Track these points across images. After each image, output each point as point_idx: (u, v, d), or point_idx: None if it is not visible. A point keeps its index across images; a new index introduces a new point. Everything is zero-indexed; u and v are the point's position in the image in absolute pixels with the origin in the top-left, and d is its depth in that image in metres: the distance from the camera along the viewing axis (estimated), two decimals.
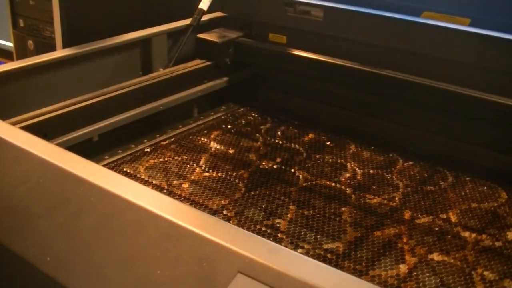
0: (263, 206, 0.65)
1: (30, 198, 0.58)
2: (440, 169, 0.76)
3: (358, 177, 0.71)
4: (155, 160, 0.75)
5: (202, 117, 0.88)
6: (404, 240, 0.60)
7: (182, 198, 0.66)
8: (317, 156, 0.77)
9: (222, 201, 0.66)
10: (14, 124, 0.71)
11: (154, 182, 0.70)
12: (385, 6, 0.90)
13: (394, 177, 0.71)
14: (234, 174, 0.72)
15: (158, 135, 0.83)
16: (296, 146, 0.80)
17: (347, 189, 0.69)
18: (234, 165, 0.74)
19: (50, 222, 0.55)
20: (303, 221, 0.63)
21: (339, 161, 0.75)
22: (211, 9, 1.01)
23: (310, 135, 0.85)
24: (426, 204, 0.66)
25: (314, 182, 0.71)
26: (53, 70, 0.85)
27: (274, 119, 0.90)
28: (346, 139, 0.83)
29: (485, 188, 0.72)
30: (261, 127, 0.87)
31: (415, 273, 0.55)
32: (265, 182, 0.70)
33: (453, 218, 0.64)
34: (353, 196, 0.68)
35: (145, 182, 0.70)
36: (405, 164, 0.77)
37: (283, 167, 0.74)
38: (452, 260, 0.57)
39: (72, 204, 0.55)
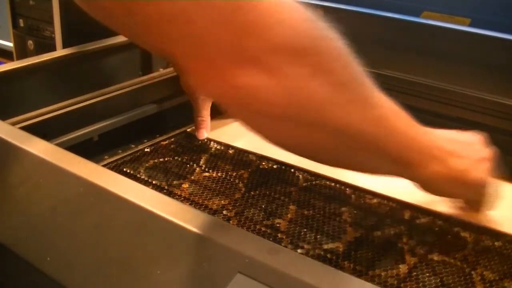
0: (263, 206, 0.65)
1: (30, 198, 0.58)
2: None
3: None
4: (155, 160, 0.75)
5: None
6: (404, 240, 0.60)
7: (182, 198, 0.66)
8: None
9: (222, 201, 0.66)
10: (14, 124, 0.71)
11: (154, 182, 0.70)
12: (385, 6, 0.90)
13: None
14: (234, 174, 0.72)
15: (158, 135, 0.83)
16: None
17: (347, 189, 0.69)
18: (234, 165, 0.74)
19: (50, 222, 0.55)
20: (303, 221, 0.63)
21: None
22: None
23: None
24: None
25: (314, 182, 0.71)
26: (53, 70, 0.85)
27: None
28: None
29: None
30: None
31: (415, 273, 0.55)
32: (265, 182, 0.70)
33: (453, 218, 0.64)
34: (353, 196, 0.68)
35: (145, 182, 0.70)
36: None
37: (283, 167, 0.74)
38: (452, 260, 0.57)
39: (72, 204, 0.55)
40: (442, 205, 0.62)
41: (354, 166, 0.53)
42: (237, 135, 0.82)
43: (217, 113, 0.88)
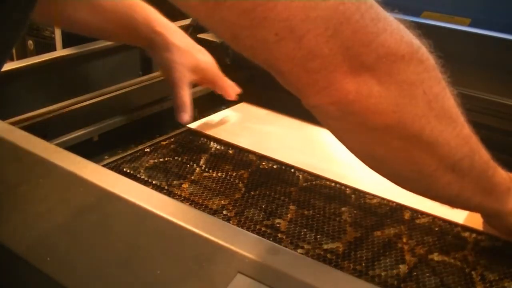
0: (263, 206, 0.65)
1: (30, 198, 0.58)
2: None
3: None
4: (155, 160, 0.75)
5: (202, 117, 0.88)
6: (404, 240, 0.60)
7: (182, 198, 0.66)
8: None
9: (222, 201, 0.66)
10: (14, 124, 0.71)
11: (154, 182, 0.70)
12: (385, 6, 0.90)
13: None
14: (234, 174, 0.72)
15: (158, 135, 0.83)
16: None
17: (347, 189, 0.69)
18: (234, 165, 0.74)
19: (50, 222, 0.55)
20: (303, 221, 0.63)
21: None
22: None
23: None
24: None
25: (314, 182, 0.71)
26: (53, 70, 0.85)
27: None
28: None
29: None
30: None
31: (415, 273, 0.55)
32: (265, 182, 0.70)
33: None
34: (353, 196, 0.68)
35: (145, 182, 0.70)
36: None
37: (283, 167, 0.74)
38: (452, 260, 0.57)
39: (72, 204, 0.55)
40: (441, 206, 0.62)
41: (437, 190, 0.50)
42: (238, 133, 0.82)
43: (218, 110, 0.88)
